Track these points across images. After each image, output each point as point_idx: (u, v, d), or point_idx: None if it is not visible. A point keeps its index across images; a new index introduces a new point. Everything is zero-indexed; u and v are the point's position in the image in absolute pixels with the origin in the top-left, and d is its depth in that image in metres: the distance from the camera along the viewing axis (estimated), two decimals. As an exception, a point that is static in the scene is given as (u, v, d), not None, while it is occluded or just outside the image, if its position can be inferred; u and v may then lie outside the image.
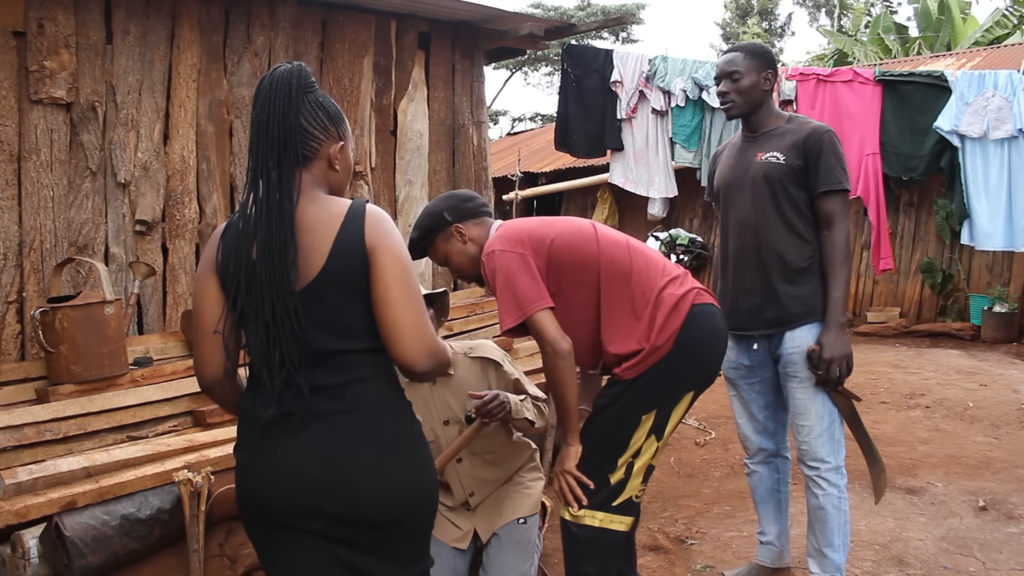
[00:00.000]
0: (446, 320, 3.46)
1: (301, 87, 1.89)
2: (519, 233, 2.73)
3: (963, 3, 17.74)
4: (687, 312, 2.63)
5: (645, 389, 2.62)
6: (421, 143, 5.94)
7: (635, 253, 2.75)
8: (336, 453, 1.81)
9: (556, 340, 2.60)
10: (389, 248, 1.83)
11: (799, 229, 3.11)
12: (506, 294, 2.65)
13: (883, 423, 5.94)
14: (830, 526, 3.13)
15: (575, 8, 25.49)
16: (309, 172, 1.90)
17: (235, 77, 5.15)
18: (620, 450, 2.62)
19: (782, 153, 3.10)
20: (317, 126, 1.90)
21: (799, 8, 32.90)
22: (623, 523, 2.64)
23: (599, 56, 6.76)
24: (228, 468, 3.14)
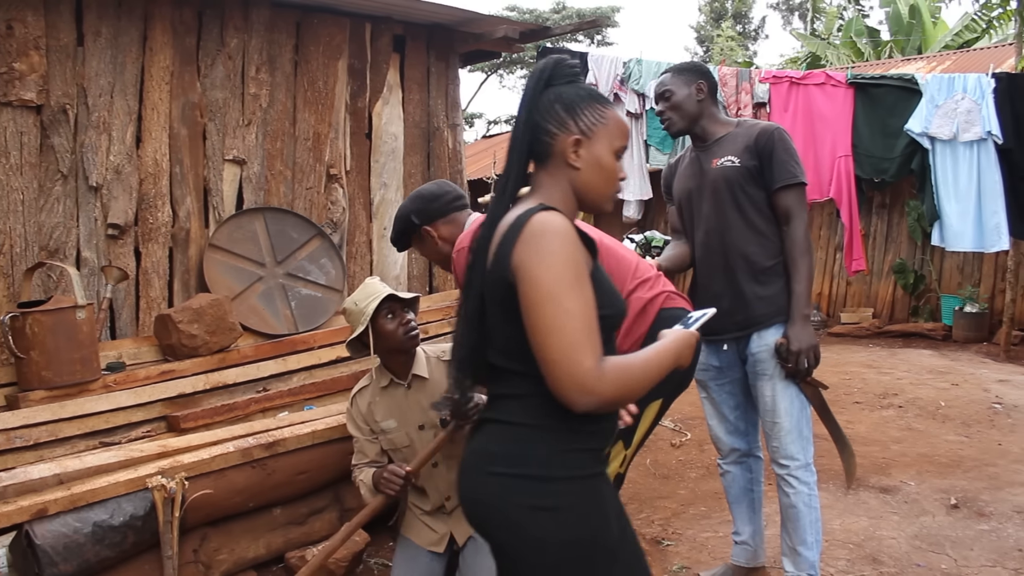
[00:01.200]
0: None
1: (544, 81, 1.79)
2: None
3: (933, 7, 17.92)
4: (654, 317, 2.60)
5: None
6: (396, 146, 5.93)
7: (606, 252, 2.70)
8: (467, 454, 1.83)
9: None
10: (532, 270, 1.61)
11: (762, 229, 3.13)
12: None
13: (857, 423, 5.99)
14: (802, 524, 3.15)
15: (550, 11, 25.50)
16: (546, 171, 1.79)
17: (208, 80, 5.12)
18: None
19: (736, 156, 3.13)
20: (551, 120, 1.76)
21: (773, 11, 33.17)
22: None
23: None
24: (203, 473, 3.13)
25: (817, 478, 3.23)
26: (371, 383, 3.24)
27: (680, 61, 3.64)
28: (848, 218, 6.74)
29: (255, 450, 3.32)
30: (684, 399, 6.19)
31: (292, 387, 4.38)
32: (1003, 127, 6.22)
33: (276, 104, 5.38)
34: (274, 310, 5.09)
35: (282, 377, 4.57)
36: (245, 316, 4.90)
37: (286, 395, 4.27)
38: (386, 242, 5.85)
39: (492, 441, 1.76)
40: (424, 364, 3.20)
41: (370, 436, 3.22)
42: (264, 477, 3.33)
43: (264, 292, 5.11)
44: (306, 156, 5.50)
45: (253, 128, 5.27)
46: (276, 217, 5.25)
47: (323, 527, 3.60)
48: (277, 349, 4.72)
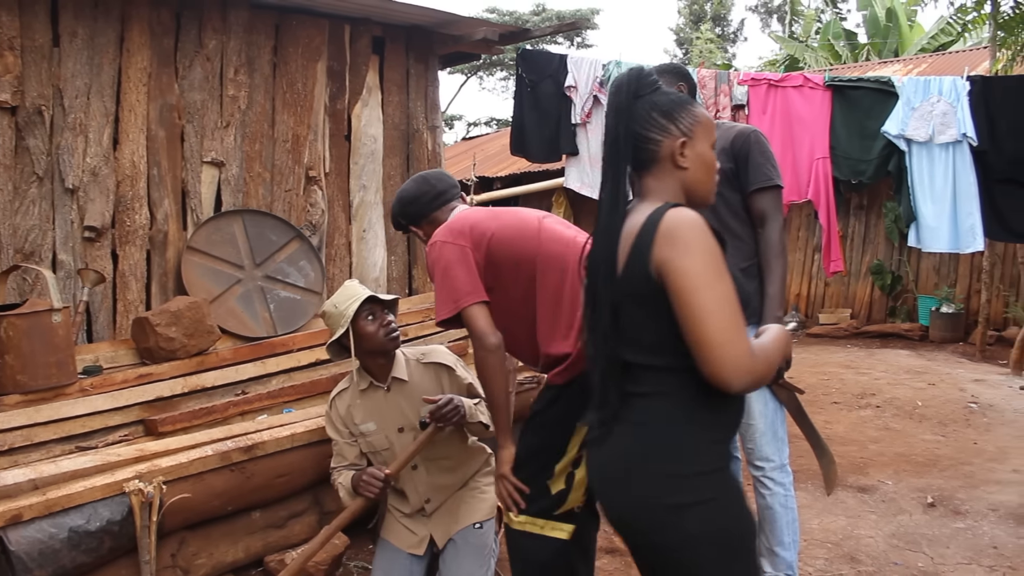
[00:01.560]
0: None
1: (633, 93, 1.87)
2: (463, 224, 2.74)
3: (910, 11, 18.07)
4: None
5: (578, 394, 2.50)
6: (375, 148, 5.92)
7: (577, 250, 2.65)
8: (607, 460, 1.84)
9: (484, 334, 2.61)
10: (680, 261, 1.71)
11: (737, 231, 3.14)
12: (442, 286, 2.68)
13: (835, 423, 6.03)
14: (779, 525, 3.17)
15: (530, 13, 25.54)
16: (653, 175, 1.89)
17: (187, 81, 5.09)
18: (557, 456, 2.58)
19: None
20: (653, 128, 1.87)
21: (751, 14, 33.40)
22: (564, 531, 2.62)
23: (553, 61, 6.78)
24: (181, 477, 3.11)
25: (793, 478, 3.25)
26: (350, 386, 3.23)
27: (660, 63, 3.65)
28: (826, 219, 6.78)
29: (234, 453, 3.30)
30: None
31: (271, 390, 4.35)
32: (978, 129, 6.28)
33: (255, 106, 5.36)
34: (253, 313, 5.06)
35: (261, 380, 4.55)
36: (224, 319, 4.87)
37: (265, 398, 4.25)
38: (365, 244, 5.84)
39: (639, 442, 1.80)
40: (404, 367, 3.20)
41: (349, 439, 3.21)
42: (243, 480, 3.32)
43: (243, 295, 5.08)
44: (285, 158, 5.48)
45: (231, 130, 5.24)
46: (255, 219, 5.23)
47: (302, 530, 3.58)
48: (256, 352, 4.70)
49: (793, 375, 3.19)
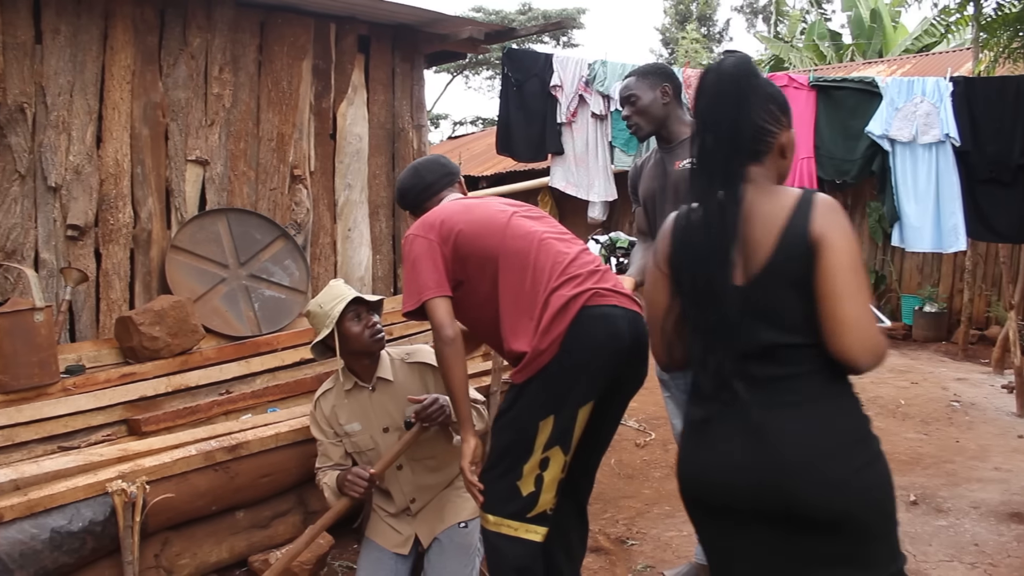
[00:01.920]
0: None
1: (751, 84, 1.84)
2: (436, 218, 2.77)
3: (894, 12, 18.18)
4: (575, 315, 2.51)
5: (537, 394, 2.53)
6: (360, 147, 5.90)
7: (543, 249, 2.64)
8: (795, 443, 1.78)
9: (441, 326, 2.63)
10: (837, 239, 1.75)
11: None
12: (409, 279, 2.71)
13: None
14: None
15: (516, 12, 25.55)
16: (762, 165, 1.89)
17: (171, 79, 5.07)
18: (524, 457, 2.54)
19: None
20: (771, 120, 1.88)
21: (737, 14, 33.48)
22: (538, 533, 2.59)
23: (539, 60, 6.78)
24: (164, 477, 3.09)
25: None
26: (335, 386, 3.23)
27: (644, 63, 3.65)
28: (810, 219, 6.79)
29: (218, 453, 3.29)
30: (647, 399, 6.25)
31: (255, 389, 4.34)
32: (960, 130, 6.31)
33: (239, 104, 5.33)
34: (237, 312, 5.05)
35: (245, 379, 4.54)
36: (208, 318, 4.85)
37: (249, 397, 4.24)
38: (350, 243, 5.83)
39: (823, 417, 1.80)
40: (389, 367, 3.20)
41: (334, 439, 3.21)
42: (227, 480, 3.30)
43: (227, 294, 5.06)
44: (270, 157, 5.46)
45: (216, 128, 5.22)
46: (239, 218, 5.21)
47: (287, 530, 3.57)
48: (240, 351, 4.68)
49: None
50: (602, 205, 11.94)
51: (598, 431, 2.75)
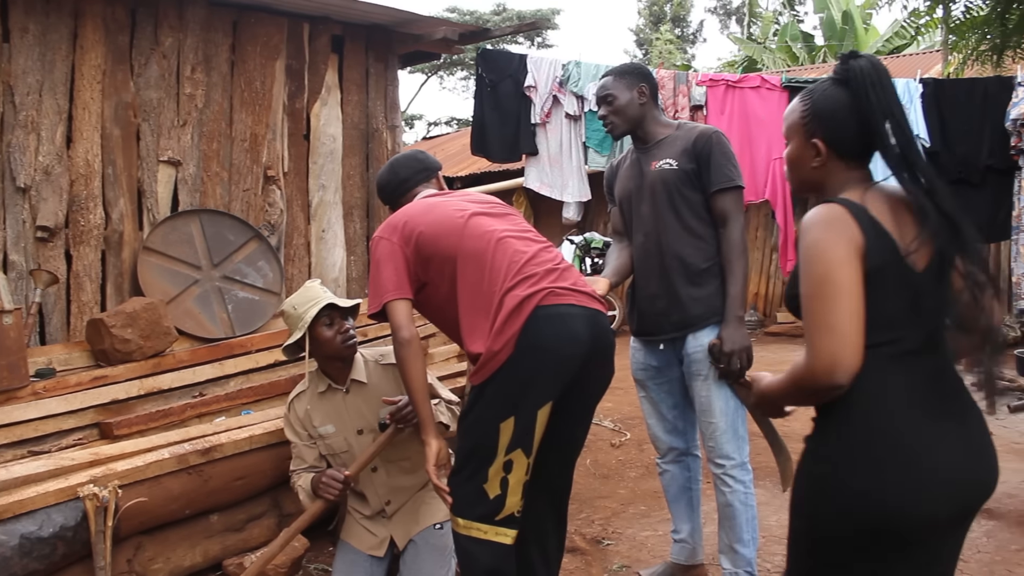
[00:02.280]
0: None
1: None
2: (400, 219, 2.78)
3: (865, 14, 18.38)
4: (528, 315, 2.49)
5: (494, 396, 2.53)
6: (334, 147, 5.88)
7: (500, 248, 2.63)
8: (980, 442, 1.78)
9: (399, 328, 2.65)
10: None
11: (698, 231, 3.17)
12: (372, 281, 2.74)
13: (792, 420, 6.03)
14: (739, 522, 3.20)
15: (491, 13, 25.54)
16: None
17: (142, 79, 5.02)
18: (488, 460, 2.53)
19: (674, 159, 3.16)
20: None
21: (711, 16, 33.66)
22: (508, 536, 2.59)
23: (513, 61, 6.78)
24: (137, 481, 3.06)
25: (753, 476, 3.28)
26: (309, 387, 3.22)
27: (620, 63, 3.66)
28: (783, 219, 6.85)
29: (191, 456, 3.26)
30: (622, 399, 6.27)
31: (229, 392, 4.31)
32: (930, 130, 6.39)
33: (212, 104, 5.29)
34: (210, 314, 5.01)
35: (219, 382, 4.50)
36: (181, 320, 4.81)
37: (223, 400, 4.21)
38: (324, 244, 5.80)
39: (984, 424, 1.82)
40: (363, 369, 3.19)
41: (308, 441, 3.19)
42: (201, 484, 3.28)
43: (200, 295, 5.02)
44: (243, 157, 5.42)
45: (188, 129, 5.18)
46: (212, 219, 5.17)
47: (261, 533, 3.55)
48: (214, 353, 4.65)
49: (752, 373, 3.22)
50: (576, 205, 11.93)
51: (569, 432, 2.76)
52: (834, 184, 1.87)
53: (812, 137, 1.87)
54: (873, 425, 1.71)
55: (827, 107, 1.85)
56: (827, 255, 1.69)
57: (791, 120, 1.93)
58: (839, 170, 1.87)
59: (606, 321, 2.72)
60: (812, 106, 1.87)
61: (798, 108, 1.91)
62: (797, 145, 1.92)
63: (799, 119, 1.90)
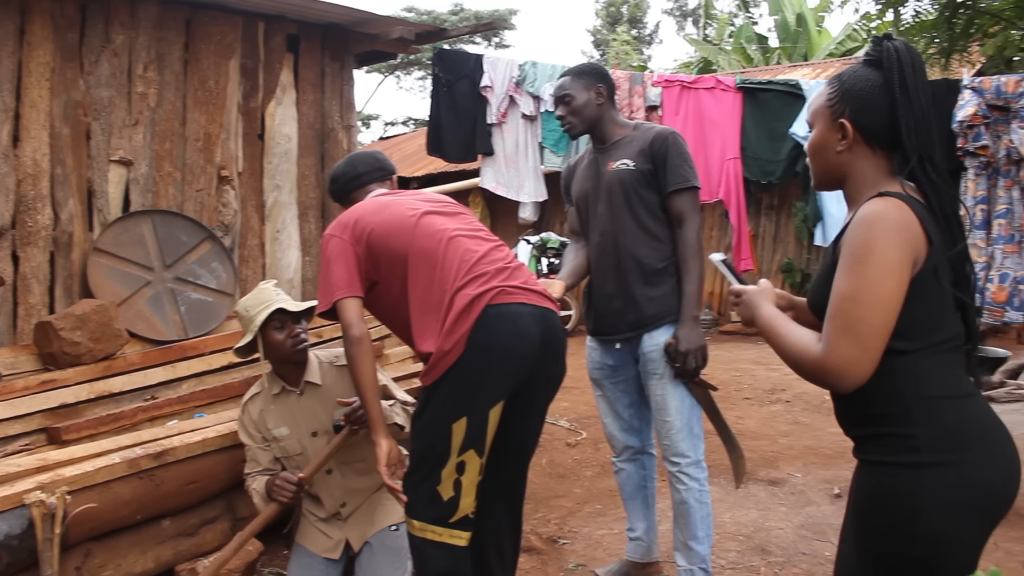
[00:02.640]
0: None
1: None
2: (351, 218, 2.78)
3: (818, 17, 18.61)
4: (479, 314, 2.51)
5: (446, 396, 2.53)
6: (289, 147, 5.83)
7: (451, 247, 2.64)
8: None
9: (349, 326, 2.63)
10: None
11: (654, 231, 3.19)
12: (322, 279, 2.74)
13: (746, 418, 6.17)
14: (693, 519, 3.23)
15: (448, 12, 25.49)
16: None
17: (93, 77, 4.94)
18: (441, 461, 2.54)
19: (631, 160, 3.19)
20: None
21: (667, 17, 33.93)
22: (462, 538, 2.60)
23: (470, 61, 6.78)
24: (86, 487, 3.01)
25: (708, 474, 3.31)
26: (262, 390, 3.19)
27: (578, 63, 3.68)
28: (736, 219, 6.93)
29: (142, 460, 3.22)
30: (578, 399, 6.30)
31: (182, 394, 4.26)
32: (881, 132, 6.50)
33: (165, 104, 5.22)
34: (163, 315, 4.94)
35: (171, 384, 4.45)
36: (132, 322, 4.74)
37: (175, 403, 4.16)
38: (279, 245, 5.76)
39: None
40: (317, 370, 3.17)
41: (262, 444, 3.17)
42: (152, 488, 3.23)
43: (152, 297, 4.96)
44: (196, 157, 5.36)
45: (140, 128, 5.10)
46: (165, 220, 5.10)
47: (215, 537, 3.51)
48: (166, 356, 4.59)
49: (707, 372, 3.26)
50: (533, 206, 11.97)
51: (522, 432, 2.77)
52: (859, 173, 1.78)
53: (839, 118, 1.76)
54: (962, 414, 1.67)
55: (857, 86, 1.75)
56: (888, 261, 1.61)
57: (816, 105, 1.83)
58: (865, 156, 1.77)
59: (557, 319, 2.74)
60: (841, 86, 1.77)
61: (824, 91, 1.81)
62: (822, 129, 1.80)
63: (825, 102, 1.79)
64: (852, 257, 1.64)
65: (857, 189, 1.78)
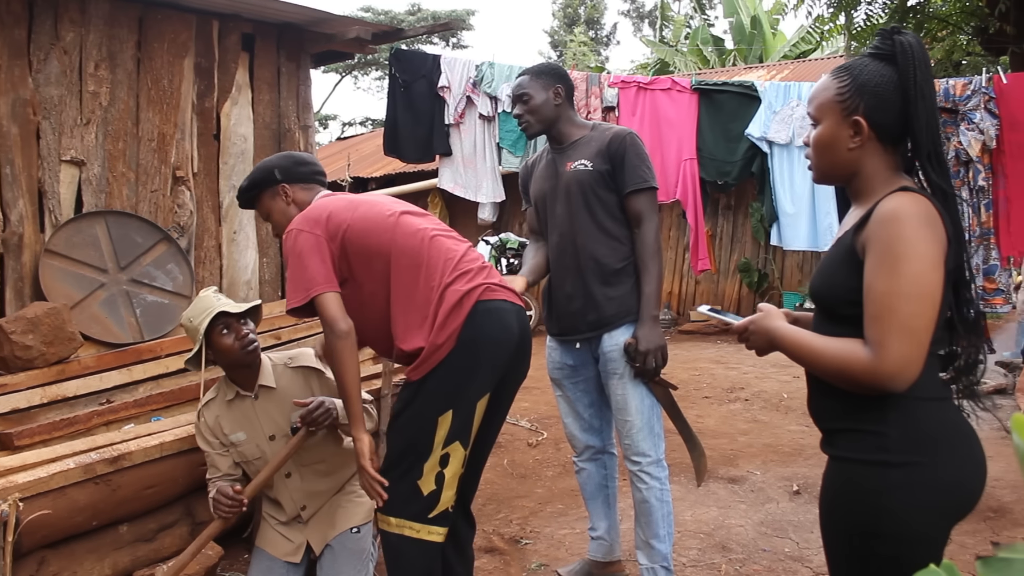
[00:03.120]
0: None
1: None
2: (321, 213, 2.72)
3: (773, 19, 18.87)
4: (470, 309, 2.58)
5: (435, 390, 2.57)
6: (246, 147, 5.77)
7: (434, 246, 2.69)
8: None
9: (335, 320, 2.60)
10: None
11: (613, 232, 3.20)
12: (295, 274, 2.66)
13: (706, 417, 6.23)
14: (655, 518, 3.24)
15: (405, 13, 25.42)
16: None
17: (42, 75, 4.84)
18: (424, 455, 2.57)
19: (589, 160, 3.20)
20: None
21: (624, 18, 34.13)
22: (439, 534, 2.62)
23: (427, 61, 6.76)
24: (40, 493, 2.95)
25: (669, 472, 3.33)
26: (217, 395, 3.14)
27: (538, 63, 3.68)
28: (694, 219, 6.98)
29: (98, 465, 3.15)
30: (539, 399, 6.31)
31: (138, 398, 4.19)
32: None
33: (117, 103, 5.14)
34: (118, 318, 4.86)
35: (127, 388, 4.38)
36: (86, 325, 4.66)
37: (132, 407, 4.09)
38: (236, 246, 5.69)
39: None
40: (271, 373, 3.12)
41: (221, 450, 3.12)
42: (108, 493, 3.18)
43: (107, 299, 4.87)
44: (150, 157, 5.28)
45: (92, 128, 5.02)
46: (119, 221, 5.02)
47: (173, 542, 3.46)
48: (121, 359, 4.51)
49: (666, 372, 3.28)
50: (491, 206, 11.98)
51: (486, 428, 2.77)
52: (870, 169, 1.73)
53: (852, 114, 1.70)
54: (937, 417, 1.67)
55: (872, 81, 1.69)
56: (926, 256, 1.58)
57: (823, 98, 1.76)
58: (877, 153, 1.73)
59: (528, 318, 2.82)
60: (853, 80, 1.71)
61: (832, 85, 1.75)
62: (830, 125, 1.74)
63: (834, 96, 1.73)
64: (889, 254, 1.59)
65: (868, 184, 1.74)
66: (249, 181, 2.99)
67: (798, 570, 3.60)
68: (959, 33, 9.14)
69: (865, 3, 8.76)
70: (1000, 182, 6.16)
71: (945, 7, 9.26)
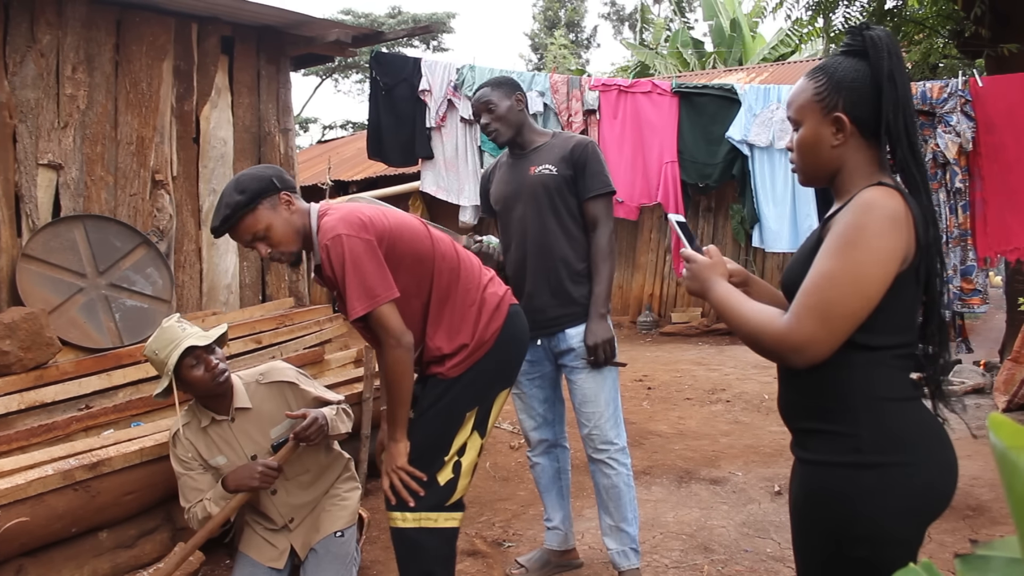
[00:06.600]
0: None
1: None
2: (359, 218, 2.60)
3: (752, 22, 18.97)
4: (507, 311, 2.81)
5: (469, 386, 2.73)
6: (225, 151, 5.74)
7: (462, 253, 2.85)
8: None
9: (402, 333, 2.58)
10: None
11: (575, 234, 3.35)
12: (354, 282, 2.52)
13: (688, 418, 6.24)
14: (623, 502, 3.38)
15: (386, 15, 25.35)
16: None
17: (18, 78, 4.80)
18: (445, 449, 2.69)
19: (553, 165, 3.34)
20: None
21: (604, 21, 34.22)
22: (456, 519, 2.74)
23: (408, 64, 6.75)
24: (17, 500, 2.93)
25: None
26: (191, 421, 3.07)
27: (496, 76, 3.79)
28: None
29: (77, 471, 3.13)
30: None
31: (117, 403, 4.16)
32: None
33: (95, 106, 5.10)
34: (97, 323, 4.82)
35: (106, 393, 4.34)
36: (65, 330, 4.62)
37: (111, 412, 4.06)
38: (216, 250, 5.66)
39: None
40: (244, 394, 3.07)
41: (200, 469, 3.05)
42: (88, 500, 3.15)
43: (85, 304, 4.83)
44: (129, 161, 5.24)
45: (70, 131, 4.98)
46: (97, 225, 4.98)
47: (154, 549, 3.44)
48: (100, 364, 4.48)
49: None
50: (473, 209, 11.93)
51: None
52: (852, 165, 1.72)
53: (832, 111, 1.70)
54: (909, 418, 1.67)
55: (848, 77, 1.69)
56: (878, 250, 1.57)
57: (801, 100, 1.75)
58: (860, 149, 1.72)
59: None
60: (829, 79, 1.70)
61: (809, 86, 1.74)
62: (812, 125, 1.73)
63: (812, 96, 1.72)
64: (841, 238, 1.59)
65: (850, 180, 1.73)
66: (247, 192, 2.64)
67: (780, 570, 3.62)
68: (936, 36, 9.21)
69: (843, 6, 8.81)
70: (977, 184, 6.20)
71: (922, 10, 9.33)
